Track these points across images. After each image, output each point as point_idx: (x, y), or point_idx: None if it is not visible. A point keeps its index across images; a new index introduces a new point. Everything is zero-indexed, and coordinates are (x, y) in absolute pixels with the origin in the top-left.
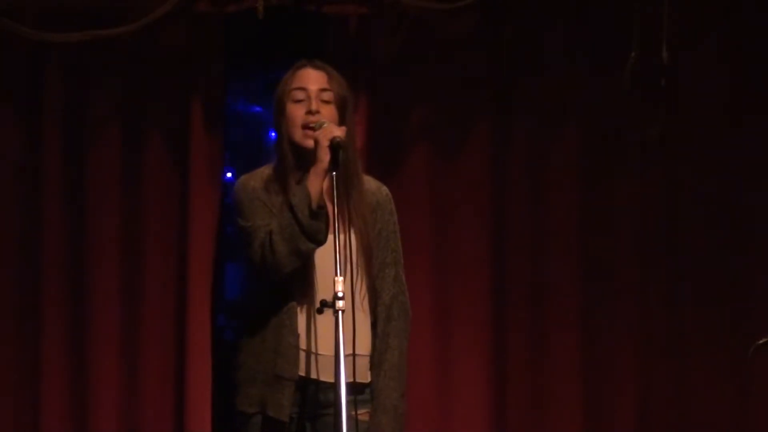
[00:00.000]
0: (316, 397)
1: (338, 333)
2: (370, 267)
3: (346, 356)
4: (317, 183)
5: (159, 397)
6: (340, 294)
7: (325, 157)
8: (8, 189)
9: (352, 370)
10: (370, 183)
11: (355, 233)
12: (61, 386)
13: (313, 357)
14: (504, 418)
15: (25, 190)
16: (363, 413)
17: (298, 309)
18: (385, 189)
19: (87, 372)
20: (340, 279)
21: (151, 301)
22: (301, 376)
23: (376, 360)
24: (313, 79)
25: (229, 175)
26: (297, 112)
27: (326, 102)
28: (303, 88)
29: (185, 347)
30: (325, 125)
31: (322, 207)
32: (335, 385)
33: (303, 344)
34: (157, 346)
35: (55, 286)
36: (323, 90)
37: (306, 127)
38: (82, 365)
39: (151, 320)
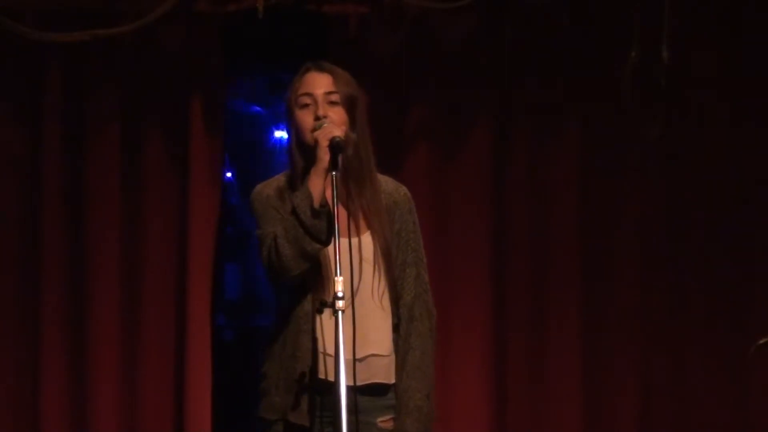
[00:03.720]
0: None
1: (338, 332)
2: (390, 267)
3: (362, 359)
4: (318, 183)
5: (159, 397)
6: (339, 294)
7: (324, 156)
8: (8, 189)
9: (372, 370)
10: (388, 183)
11: (372, 233)
12: (61, 386)
13: (331, 360)
14: (504, 418)
15: (25, 190)
16: (387, 420)
17: (315, 312)
18: (403, 189)
19: (87, 372)
20: (340, 279)
21: (151, 302)
22: (320, 379)
23: (399, 361)
24: (318, 83)
25: (228, 175)
26: (305, 118)
27: (333, 104)
28: (309, 93)
29: (185, 347)
30: (325, 124)
31: (324, 206)
32: (335, 386)
33: (321, 347)
34: (157, 345)
35: (55, 286)
36: (329, 93)
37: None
38: (82, 365)
39: (151, 320)
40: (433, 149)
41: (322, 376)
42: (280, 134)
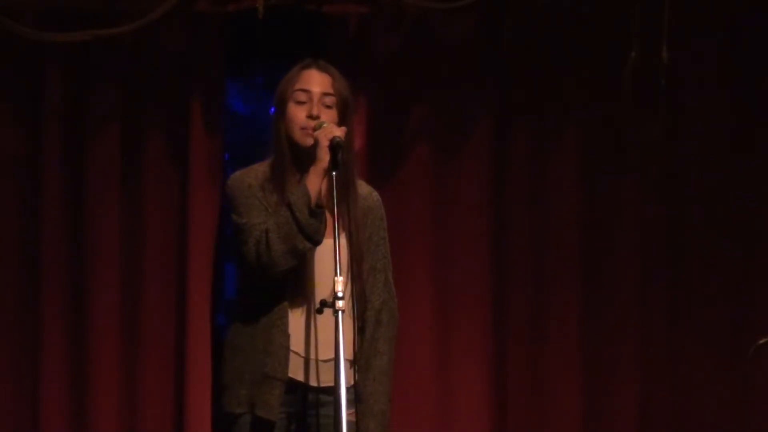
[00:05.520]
0: (303, 398)
1: (338, 333)
2: (360, 271)
3: (327, 360)
4: (316, 182)
5: (159, 397)
6: (340, 294)
7: (325, 156)
8: (8, 189)
9: (333, 372)
10: (363, 187)
11: (347, 236)
12: (61, 386)
13: (302, 359)
14: (504, 419)
15: (25, 190)
16: (349, 413)
17: (290, 310)
18: (376, 194)
19: (87, 372)
20: (340, 279)
21: (151, 301)
22: (290, 378)
23: (363, 364)
24: (317, 82)
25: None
26: (298, 114)
27: (328, 106)
28: (306, 90)
29: (185, 347)
30: (325, 125)
31: (321, 206)
32: (335, 387)
33: (293, 346)
34: (157, 345)
35: (55, 285)
36: (326, 94)
37: (305, 129)
38: (82, 365)
39: (151, 320)
40: (433, 149)
41: (290, 374)
42: None
